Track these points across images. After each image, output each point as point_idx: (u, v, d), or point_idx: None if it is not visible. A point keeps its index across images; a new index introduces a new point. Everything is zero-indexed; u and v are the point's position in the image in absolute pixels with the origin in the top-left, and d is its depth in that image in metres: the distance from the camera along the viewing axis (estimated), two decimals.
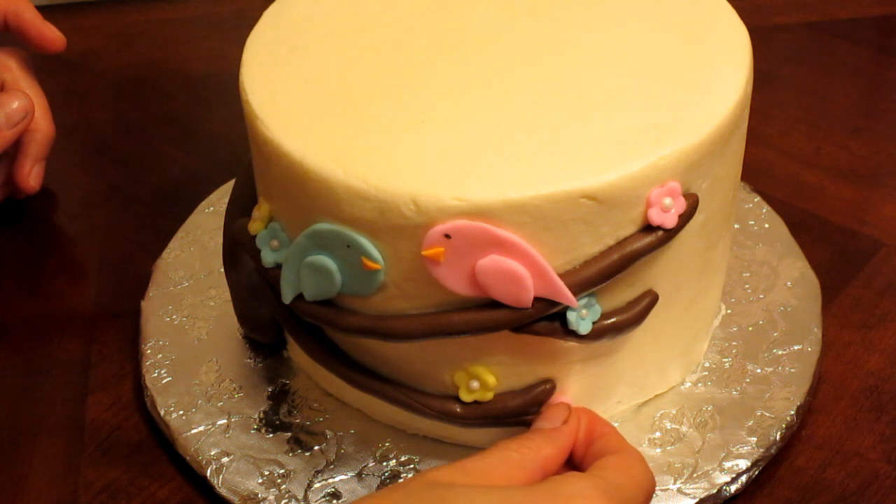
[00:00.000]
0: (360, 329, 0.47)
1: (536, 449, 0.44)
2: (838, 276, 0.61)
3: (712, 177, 0.47)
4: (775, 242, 0.61)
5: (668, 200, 0.44)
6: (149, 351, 0.57)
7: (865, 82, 0.78)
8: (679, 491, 0.50)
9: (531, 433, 0.46)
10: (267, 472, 0.51)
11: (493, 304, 0.44)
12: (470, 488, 0.41)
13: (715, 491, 0.50)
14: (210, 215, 0.64)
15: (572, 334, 0.46)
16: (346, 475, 0.51)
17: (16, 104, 0.62)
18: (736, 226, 0.61)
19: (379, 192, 0.43)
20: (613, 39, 0.50)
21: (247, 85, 0.48)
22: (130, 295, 0.61)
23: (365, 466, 0.51)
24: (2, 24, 0.64)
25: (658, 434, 0.52)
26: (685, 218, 0.45)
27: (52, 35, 0.65)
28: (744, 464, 0.51)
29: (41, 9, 0.75)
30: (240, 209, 0.52)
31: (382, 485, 0.51)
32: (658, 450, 0.52)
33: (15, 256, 0.65)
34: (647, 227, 0.45)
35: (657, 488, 0.50)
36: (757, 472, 0.51)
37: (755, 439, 0.52)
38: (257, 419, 0.54)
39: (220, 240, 0.55)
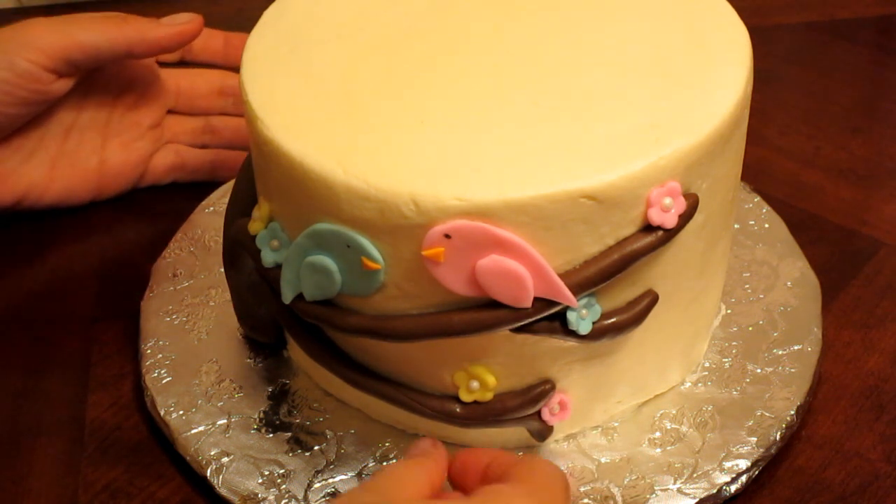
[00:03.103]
0: (360, 329, 0.47)
1: (420, 464, 0.44)
2: (838, 276, 0.61)
3: (712, 177, 0.47)
4: (775, 242, 0.61)
5: (668, 200, 0.44)
6: (149, 351, 0.57)
7: (865, 82, 0.78)
8: (679, 491, 0.50)
9: (407, 459, 0.45)
10: (267, 472, 0.51)
11: (493, 304, 0.44)
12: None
13: (715, 491, 0.50)
14: (210, 215, 0.64)
15: (572, 334, 0.46)
16: (346, 475, 0.51)
17: (183, 16, 0.63)
18: (736, 226, 0.61)
19: (379, 192, 0.43)
20: (613, 39, 0.50)
21: (247, 85, 0.48)
22: (130, 295, 0.61)
23: (365, 466, 0.51)
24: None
25: (658, 434, 0.52)
26: (685, 218, 0.45)
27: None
28: (744, 464, 0.51)
29: (40, 9, 0.75)
30: (240, 209, 0.52)
31: None
32: (658, 450, 0.52)
33: (15, 256, 0.65)
34: (647, 227, 0.45)
35: (657, 488, 0.50)
36: (757, 472, 0.51)
37: (755, 439, 0.52)
38: (257, 419, 0.54)
39: (220, 240, 0.55)
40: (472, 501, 0.40)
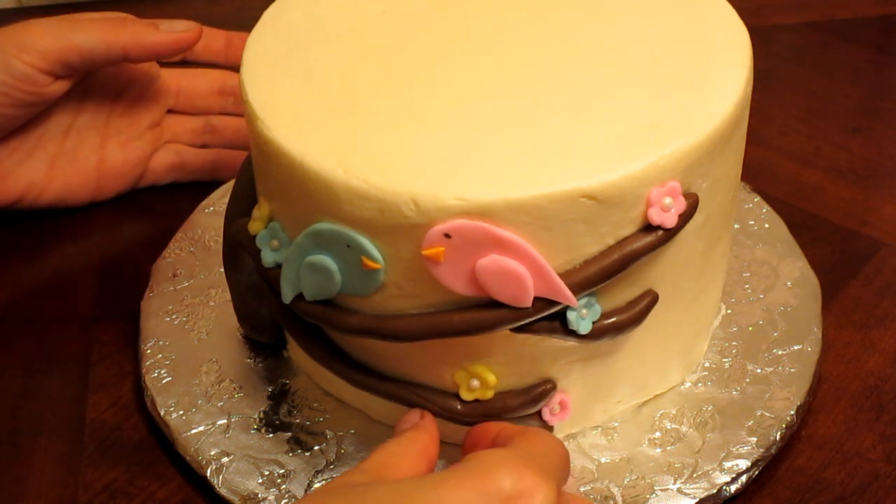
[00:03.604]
0: (360, 329, 0.47)
1: (412, 439, 0.45)
2: (838, 276, 0.61)
3: (712, 177, 0.47)
4: (775, 242, 0.61)
5: (668, 200, 0.44)
6: (149, 351, 0.57)
7: (865, 82, 0.78)
8: (679, 491, 0.50)
9: (398, 435, 0.46)
10: (267, 472, 0.51)
11: (493, 304, 0.44)
12: (378, 484, 0.41)
13: (715, 491, 0.50)
14: (210, 215, 0.64)
15: (572, 334, 0.46)
16: None
17: (182, 23, 0.63)
18: (736, 226, 0.61)
19: (379, 191, 0.43)
20: (613, 39, 0.50)
21: (247, 85, 0.48)
22: (130, 295, 0.61)
23: None
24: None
25: (658, 434, 0.52)
26: (685, 218, 0.45)
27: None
28: (744, 464, 0.51)
29: (39, 9, 0.75)
30: (240, 209, 0.52)
31: None
32: (658, 450, 0.52)
33: (15, 255, 0.65)
34: (647, 227, 0.45)
35: (657, 488, 0.50)
36: (757, 472, 0.51)
37: (755, 439, 0.52)
38: (257, 419, 0.54)
39: (220, 240, 0.55)
40: (459, 465, 0.40)
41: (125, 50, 0.61)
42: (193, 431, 0.53)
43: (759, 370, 0.55)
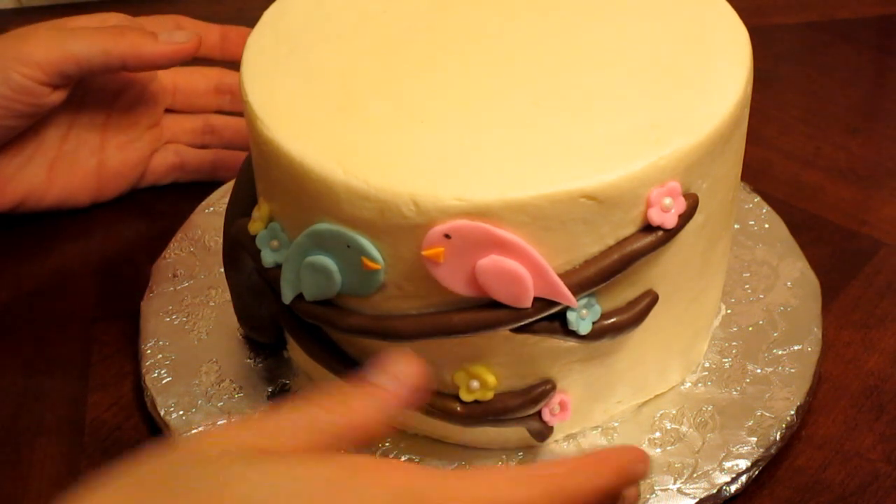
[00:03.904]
0: (360, 329, 0.47)
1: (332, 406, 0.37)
2: (838, 276, 0.61)
3: (712, 177, 0.47)
4: (775, 242, 0.61)
5: (668, 200, 0.44)
6: (149, 351, 0.57)
7: (865, 82, 0.78)
8: (679, 491, 0.50)
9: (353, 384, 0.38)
10: None
11: (493, 304, 0.44)
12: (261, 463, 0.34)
13: (715, 491, 0.50)
14: (210, 215, 0.64)
15: (572, 334, 0.46)
16: None
17: (181, 34, 0.62)
18: (736, 226, 0.61)
19: (379, 192, 0.43)
20: (613, 39, 0.50)
21: (247, 85, 0.48)
22: (130, 295, 0.61)
23: None
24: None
25: (658, 434, 0.52)
26: (685, 218, 0.45)
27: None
28: (744, 464, 0.51)
29: (41, 9, 0.75)
30: (240, 209, 0.52)
31: None
32: (658, 450, 0.52)
33: (15, 256, 0.65)
34: (647, 227, 0.45)
35: (657, 488, 0.50)
36: (757, 472, 0.51)
37: (755, 439, 0.52)
38: None
39: (220, 240, 0.55)
40: (453, 474, 0.39)
41: (124, 61, 0.61)
42: (193, 432, 0.53)
43: (759, 370, 0.55)
